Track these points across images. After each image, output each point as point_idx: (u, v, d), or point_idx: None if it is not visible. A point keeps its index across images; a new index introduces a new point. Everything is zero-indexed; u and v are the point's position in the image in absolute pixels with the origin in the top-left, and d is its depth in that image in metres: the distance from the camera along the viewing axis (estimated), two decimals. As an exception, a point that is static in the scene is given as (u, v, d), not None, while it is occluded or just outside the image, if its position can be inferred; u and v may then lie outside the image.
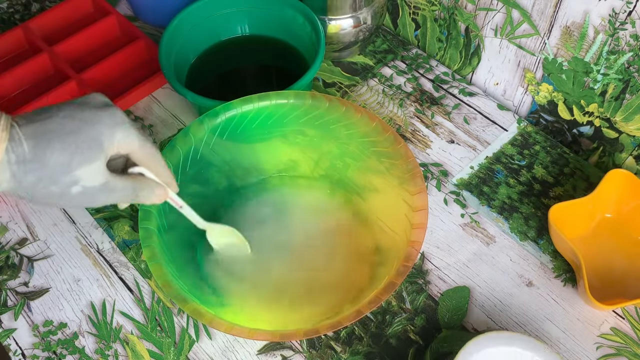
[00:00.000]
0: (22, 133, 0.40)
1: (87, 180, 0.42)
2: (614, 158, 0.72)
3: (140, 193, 0.46)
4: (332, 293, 0.59)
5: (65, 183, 0.41)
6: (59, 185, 0.41)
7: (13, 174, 0.39)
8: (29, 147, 0.39)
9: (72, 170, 0.41)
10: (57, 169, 0.40)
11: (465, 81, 0.81)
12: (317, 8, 0.75)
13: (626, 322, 0.61)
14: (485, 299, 0.63)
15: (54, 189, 0.41)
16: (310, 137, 0.65)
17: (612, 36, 0.63)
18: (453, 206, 0.69)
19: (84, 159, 0.41)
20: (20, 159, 0.39)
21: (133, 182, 0.46)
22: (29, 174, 0.40)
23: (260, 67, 0.82)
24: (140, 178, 0.47)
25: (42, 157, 0.40)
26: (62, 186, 0.41)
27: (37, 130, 0.40)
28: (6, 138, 0.39)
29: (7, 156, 0.39)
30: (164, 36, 0.71)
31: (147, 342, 0.60)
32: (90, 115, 0.42)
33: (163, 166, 0.48)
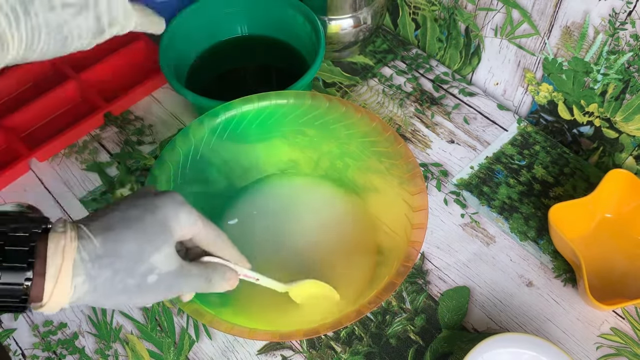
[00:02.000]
0: (89, 231, 0.38)
1: (162, 266, 0.40)
2: (614, 158, 0.72)
3: (213, 279, 0.45)
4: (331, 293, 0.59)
5: (140, 273, 0.39)
6: (135, 277, 0.39)
7: (88, 273, 0.37)
8: (99, 242, 0.38)
9: (146, 259, 0.39)
10: (131, 258, 0.39)
11: (465, 81, 0.81)
12: (317, 8, 0.75)
13: (626, 322, 0.61)
14: (485, 299, 0.63)
15: (131, 282, 0.39)
16: (310, 137, 0.65)
17: (612, 36, 0.63)
18: (453, 206, 0.69)
19: (155, 245, 0.40)
20: (93, 256, 0.38)
21: (206, 268, 0.44)
22: (103, 269, 0.38)
23: (260, 67, 0.82)
24: (211, 263, 0.45)
25: (113, 249, 0.38)
26: (138, 277, 0.39)
27: (103, 224, 0.39)
28: (75, 237, 0.38)
29: (79, 255, 0.37)
30: (164, 36, 0.71)
31: (147, 342, 0.60)
32: (150, 201, 0.41)
33: (230, 246, 0.47)
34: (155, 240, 0.40)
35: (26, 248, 0.36)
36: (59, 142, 0.73)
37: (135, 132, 0.76)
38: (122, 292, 0.39)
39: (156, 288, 0.41)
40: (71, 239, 0.37)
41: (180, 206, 0.42)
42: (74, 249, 0.37)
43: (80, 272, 0.37)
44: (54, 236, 0.37)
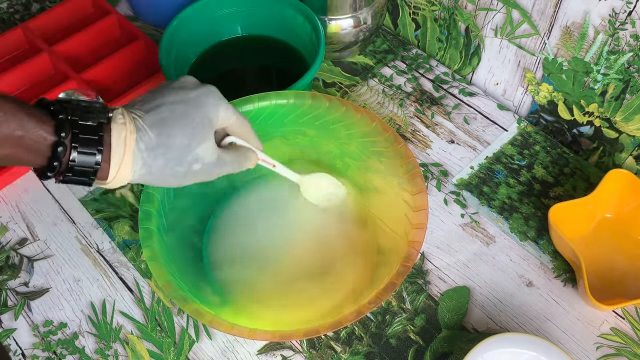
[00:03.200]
0: (144, 123, 0.44)
1: (205, 156, 0.46)
2: (614, 158, 0.72)
3: (243, 162, 0.51)
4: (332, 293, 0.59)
5: (188, 162, 0.45)
6: (183, 165, 0.45)
7: (144, 161, 0.44)
8: (153, 134, 0.44)
9: (193, 150, 0.45)
10: (181, 150, 0.45)
11: (465, 81, 0.81)
12: (317, 8, 0.75)
13: (626, 322, 0.61)
14: (485, 299, 0.63)
15: (179, 169, 0.45)
16: (310, 137, 0.65)
17: (612, 36, 0.63)
18: (453, 206, 0.69)
19: (201, 138, 0.45)
20: (149, 147, 0.43)
21: (236, 154, 0.50)
22: (157, 159, 0.44)
23: (260, 67, 0.82)
24: (239, 148, 0.51)
25: (166, 142, 0.44)
26: (185, 165, 0.45)
27: (155, 119, 0.44)
28: (134, 129, 0.43)
29: (137, 145, 0.43)
30: (164, 36, 0.71)
31: (147, 342, 0.60)
32: (194, 98, 0.46)
33: (252, 134, 0.52)
34: (200, 134, 0.46)
35: (96, 137, 0.42)
36: (59, 142, 0.73)
37: (135, 132, 0.76)
38: (172, 176, 0.46)
39: (199, 173, 0.47)
40: (131, 132, 0.43)
41: (219, 102, 0.48)
42: (133, 140, 0.43)
43: (138, 159, 0.43)
44: (116, 127, 0.43)
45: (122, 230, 0.68)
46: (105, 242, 0.67)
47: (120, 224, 0.68)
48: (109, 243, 0.67)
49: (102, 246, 0.67)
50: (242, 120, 0.51)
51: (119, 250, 0.66)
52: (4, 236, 0.68)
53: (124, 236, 0.68)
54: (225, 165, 0.49)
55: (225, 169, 0.49)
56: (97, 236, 0.68)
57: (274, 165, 0.56)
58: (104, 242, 0.67)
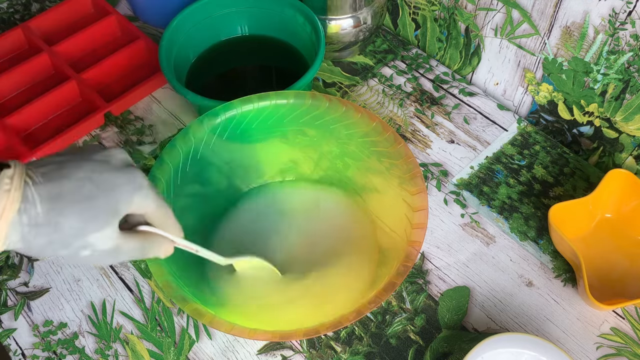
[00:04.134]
0: (36, 194, 0.38)
1: (97, 245, 0.41)
2: (614, 158, 0.72)
3: (149, 251, 0.45)
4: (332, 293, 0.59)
5: (75, 247, 0.40)
6: (69, 250, 0.40)
7: (23, 236, 0.38)
8: (43, 210, 0.38)
9: (84, 236, 0.40)
10: (70, 234, 0.39)
11: (465, 81, 0.81)
12: (317, 8, 0.75)
13: (626, 322, 0.61)
14: (485, 299, 0.63)
15: (63, 252, 0.40)
16: (310, 137, 0.65)
17: (612, 36, 0.63)
18: (453, 206, 0.69)
19: (97, 226, 0.40)
20: (33, 222, 0.38)
21: (142, 242, 0.44)
22: (39, 237, 0.38)
23: (260, 67, 0.82)
24: (149, 235, 0.45)
25: (55, 221, 0.38)
26: (72, 250, 0.40)
27: (52, 191, 0.39)
28: (19, 199, 0.37)
29: (20, 217, 0.37)
30: (164, 36, 0.71)
31: (147, 342, 0.60)
32: (110, 180, 0.41)
33: (173, 221, 0.47)
34: (99, 220, 0.40)
35: None
36: (59, 142, 0.73)
37: (135, 132, 0.76)
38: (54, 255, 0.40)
39: (87, 260, 0.41)
40: (14, 200, 0.37)
41: (137, 190, 0.42)
42: (13, 210, 0.37)
43: (16, 232, 0.37)
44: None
45: (122, 230, 0.68)
46: (105, 242, 0.67)
47: (120, 224, 0.68)
48: (109, 243, 0.67)
49: (102, 246, 0.67)
50: (162, 208, 0.45)
51: (119, 250, 0.66)
52: (4, 236, 0.68)
53: (124, 236, 0.67)
54: (122, 254, 0.43)
55: (122, 257, 0.43)
56: (97, 236, 0.68)
57: (197, 250, 0.51)
58: (104, 242, 0.67)
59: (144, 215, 0.44)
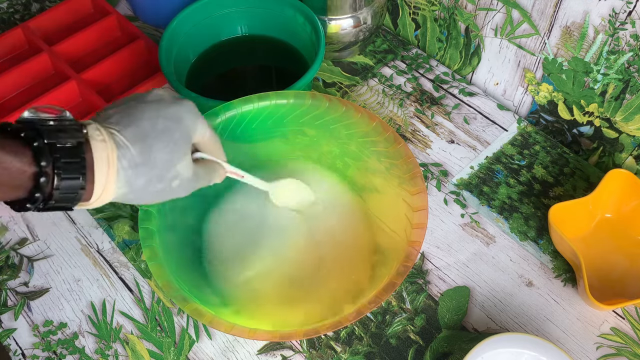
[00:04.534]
0: (125, 138, 0.41)
1: (184, 173, 0.45)
2: (614, 158, 0.72)
3: (213, 176, 0.50)
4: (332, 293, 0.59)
5: (168, 179, 0.44)
6: (164, 182, 0.43)
7: (128, 179, 0.41)
8: (136, 151, 0.41)
9: (174, 166, 0.43)
10: (164, 167, 0.43)
11: (465, 81, 0.81)
12: (317, 8, 0.75)
13: (626, 322, 0.61)
14: (485, 299, 0.63)
15: (160, 186, 0.43)
16: (310, 137, 0.65)
17: (612, 36, 0.63)
18: (453, 206, 0.69)
19: (181, 154, 0.44)
20: (132, 164, 0.41)
21: (207, 168, 0.49)
22: (140, 177, 0.42)
23: (260, 67, 0.82)
24: (208, 163, 0.50)
25: (149, 158, 0.42)
26: (166, 182, 0.44)
27: (136, 133, 0.42)
28: (114, 146, 0.40)
29: (120, 162, 0.40)
30: (164, 36, 0.71)
31: (147, 342, 0.60)
32: (174, 112, 0.44)
33: (221, 149, 0.52)
34: (180, 149, 0.44)
35: (78, 160, 0.39)
36: (59, 142, 0.73)
37: (135, 132, 0.76)
38: (152, 194, 0.44)
39: (177, 190, 0.45)
40: (112, 149, 0.40)
41: (197, 117, 0.46)
42: (115, 157, 0.40)
43: (122, 178, 0.41)
44: (96, 146, 0.40)
45: (122, 230, 0.68)
46: (105, 242, 0.67)
47: (120, 224, 0.68)
48: (108, 243, 0.67)
49: (102, 246, 0.67)
50: (214, 136, 0.50)
51: (119, 250, 0.67)
52: (4, 236, 0.68)
53: (124, 236, 0.68)
54: (200, 181, 0.47)
55: (199, 184, 0.48)
56: (97, 236, 0.68)
57: (243, 176, 0.56)
58: (104, 242, 0.67)
59: (199, 143, 0.48)
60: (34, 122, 0.39)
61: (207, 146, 0.49)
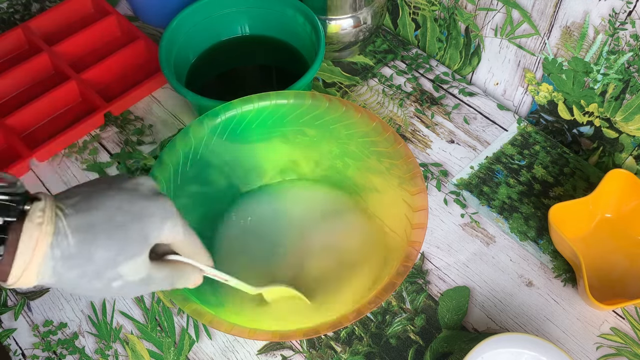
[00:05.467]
0: (67, 225, 0.38)
1: (129, 275, 0.40)
2: (614, 158, 0.72)
3: (178, 281, 0.45)
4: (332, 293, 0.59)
5: (107, 278, 0.39)
6: (102, 281, 0.39)
7: (55, 269, 0.38)
8: (74, 241, 0.38)
9: (116, 266, 0.39)
10: (102, 264, 0.39)
11: (465, 81, 0.81)
12: (317, 8, 0.75)
13: (626, 322, 0.61)
14: (485, 299, 0.63)
15: (96, 284, 0.39)
16: (310, 137, 0.65)
17: (612, 36, 0.63)
18: (453, 206, 0.69)
19: (129, 254, 0.40)
20: (65, 254, 0.37)
21: (171, 271, 0.44)
22: (72, 270, 0.38)
23: (260, 67, 0.82)
24: (178, 265, 0.45)
25: (87, 252, 0.38)
26: (104, 281, 0.39)
27: (82, 223, 0.38)
28: (52, 232, 0.37)
29: (52, 251, 0.37)
30: (164, 36, 0.71)
31: (147, 342, 0.60)
32: (140, 208, 0.41)
33: (201, 250, 0.47)
34: (130, 249, 0.40)
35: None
36: (59, 142, 0.73)
37: (135, 132, 0.76)
38: (86, 289, 0.40)
39: (119, 291, 0.41)
40: (45, 234, 0.37)
41: (167, 219, 0.42)
42: (46, 244, 0.37)
43: (47, 267, 0.37)
44: (29, 227, 0.36)
45: (122, 230, 0.68)
46: (105, 242, 0.67)
47: (120, 224, 0.68)
48: (109, 243, 0.67)
49: (102, 246, 0.67)
50: (190, 236, 0.45)
51: (119, 250, 0.66)
52: (4, 236, 0.68)
53: (124, 236, 0.67)
54: (153, 284, 0.43)
55: (152, 287, 0.43)
56: (97, 236, 0.68)
57: (226, 279, 0.51)
58: (104, 242, 0.67)
59: (172, 244, 0.44)
60: None
61: (181, 248, 0.45)
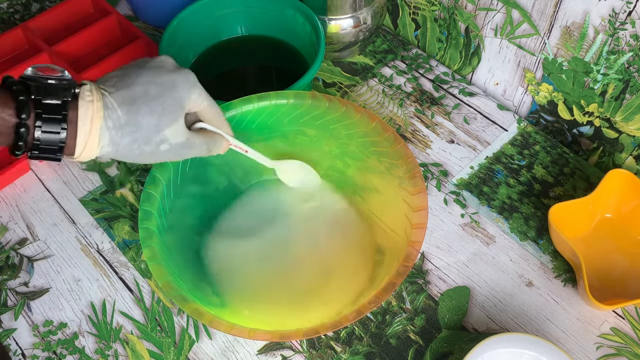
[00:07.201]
0: (113, 100, 0.44)
1: (173, 138, 0.47)
2: (614, 158, 0.72)
3: (213, 147, 0.52)
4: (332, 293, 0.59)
5: (155, 142, 0.46)
6: (151, 145, 0.46)
7: (111, 138, 0.44)
8: (122, 112, 0.44)
9: (161, 130, 0.46)
10: (149, 129, 0.45)
11: (465, 81, 0.81)
12: (317, 8, 0.75)
13: (626, 322, 0.61)
14: (485, 299, 0.63)
15: (147, 148, 0.46)
16: (310, 137, 0.65)
17: (612, 36, 0.63)
18: (453, 206, 0.69)
19: (170, 119, 0.46)
20: (117, 124, 0.44)
21: (206, 138, 0.51)
22: (125, 137, 0.44)
23: (260, 67, 0.82)
24: (210, 133, 0.52)
25: (135, 120, 0.44)
26: (153, 145, 0.46)
27: (125, 97, 0.44)
28: (102, 106, 0.44)
29: (105, 123, 0.44)
30: (164, 36, 0.71)
31: (147, 342, 0.60)
32: (169, 80, 0.47)
33: (225, 121, 0.53)
34: (169, 114, 0.46)
35: (59, 116, 0.42)
36: (59, 142, 0.73)
37: (135, 132, 0.76)
38: (139, 154, 0.46)
39: (166, 154, 0.48)
40: (98, 109, 0.43)
41: (193, 87, 0.48)
42: (100, 117, 0.43)
43: (105, 137, 0.44)
44: (83, 104, 0.43)
45: (122, 230, 0.68)
46: (105, 242, 0.67)
47: (120, 224, 0.68)
48: (109, 243, 0.67)
49: (102, 246, 0.67)
50: (214, 106, 0.51)
51: (119, 250, 0.67)
52: (4, 236, 0.68)
53: (124, 236, 0.68)
54: (193, 148, 0.49)
55: (193, 151, 0.50)
56: (97, 236, 0.68)
57: (247, 150, 0.57)
58: (104, 242, 0.67)
59: (200, 113, 0.50)
60: (30, 78, 0.44)
61: (206, 116, 0.51)
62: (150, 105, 0.45)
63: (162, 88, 0.46)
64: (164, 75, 0.47)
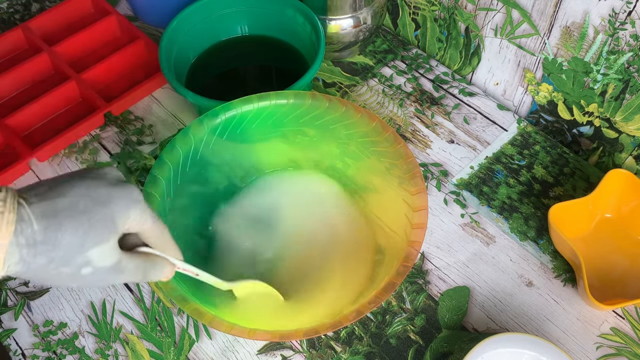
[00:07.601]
0: (31, 212, 0.37)
1: (99, 260, 0.40)
2: (614, 158, 0.72)
3: (150, 272, 0.44)
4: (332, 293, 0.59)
5: (76, 264, 0.39)
6: (71, 267, 0.39)
7: (22, 257, 0.37)
8: (39, 228, 0.37)
9: (84, 251, 0.39)
10: (70, 249, 0.38)
11: (465, 81, 0.81)
12: (317, 8, 0.75)
13: (626, 322, 0.61)
14: (485, 299, 0.63)
15: (65, 270, 0.39)
16: (310, 137, 0.65)
17: (612, 36, 0.63)
18: (453, 206, 0.69)
19: (96, 240, 0.39)
20: (30, 242, 0.37)
21: (143, 262, 0.44)
22: (39, 256, 0.37)
23: (260, 67, 0.82)
24: (149, 256, 0.44)
25: (53, 238, 0.37)
26: (73, 267, 0.39)
27: (47, 209, 0.38)
28: (14, 220, 0.36)
29: (16, 239, 0.36)
30: (164, 36, 0.71)
31: (147, 342, 0.60)
32: (105, 194, 0.40)
33: (171, 242, 0.46)
34: (98, 234, 0.39)
35: None
36: (59, 142, 0.73)
37: (135, 132, 0.76)
38: (55, 277, 0.39)
39: (90, 279, 0.40)
40: (9, 222, 0.36)
41: (134, 204, 0.41)
42: (10, 232, 0.36)
43: (14, 254, 0.36)
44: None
45: (122, 230, 0.68)
46: (105, 242, 0.67)
47: (120, 224, 0.68)
48: (109, 243, 0.67)
49: (102, 246, 0.67)
50: (159, 227, 0.44)
51: (119, 250, 0.66)
52: (4, 236, 0.68)
53: (124, 236, 0.67)
54: (124, 273, 0.42)
55: (123, 277, 0.42)
56: (97, 236, 0.68)
57: (197, 274, 0.50)
58: (104, 242, 0.67)
59: (142, 234, 0.44)
60: None
61: (150, 238, 0.44)
62: (76, 220, 0.38)
63: (94, 202, 0.39)
64: (101, 188, 0.40)
